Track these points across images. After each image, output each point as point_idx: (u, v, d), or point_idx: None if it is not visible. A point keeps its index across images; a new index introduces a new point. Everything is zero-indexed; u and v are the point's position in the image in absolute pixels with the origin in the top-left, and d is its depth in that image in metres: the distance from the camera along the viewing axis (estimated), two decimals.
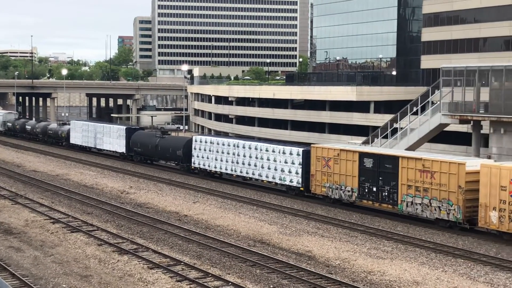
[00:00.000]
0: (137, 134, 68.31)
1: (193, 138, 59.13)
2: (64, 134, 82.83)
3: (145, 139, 66.46)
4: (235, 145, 53.44)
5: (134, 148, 67.70)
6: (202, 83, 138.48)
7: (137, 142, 67.13)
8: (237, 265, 30.08)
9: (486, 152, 50.42)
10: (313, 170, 46.04)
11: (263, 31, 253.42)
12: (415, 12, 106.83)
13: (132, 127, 72.67)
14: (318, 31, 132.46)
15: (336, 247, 33.60)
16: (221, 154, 54.92)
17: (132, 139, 67.82)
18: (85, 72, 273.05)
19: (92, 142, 76.09)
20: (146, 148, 65.62)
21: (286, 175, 48.39)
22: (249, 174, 52.04)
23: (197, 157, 57.90)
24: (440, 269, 30.00)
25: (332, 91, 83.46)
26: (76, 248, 32.95)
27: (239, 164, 52.98)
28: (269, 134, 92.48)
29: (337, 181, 44.25)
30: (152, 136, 66.02)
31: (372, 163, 41.74)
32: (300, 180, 47.30)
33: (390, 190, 40.61)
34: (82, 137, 78.16)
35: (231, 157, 53.72)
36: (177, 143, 61.29)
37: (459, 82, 48.48)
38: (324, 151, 45.24)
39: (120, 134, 70.12)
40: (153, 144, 64.05)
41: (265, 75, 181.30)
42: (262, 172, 50.55)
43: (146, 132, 70.86)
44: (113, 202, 46.37)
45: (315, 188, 46.15)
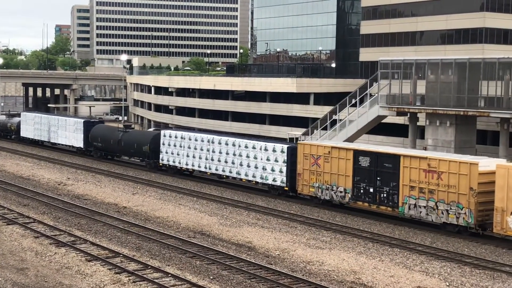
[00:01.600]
0: (97, 127, 64.11)
1: (162, 132, 55.25)
2: (13, 126, 78.37)
3: (106, 133, 62.43)
4: (209, 140, 50.06)
5: (93, 143, 63.63)
6: (141, 74, 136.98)
7: (97, 136, 62.94)
8: (177, 257, 29.99)
9: (422, 143, 51.55)
10: (300, 168, 43.02)
11: (203, 21, 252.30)
12: (354, 5, 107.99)
13: (91, 120, 68.23)
14: (258, 23, 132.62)
15: (276, 238, 33.86)
16: (194, 150, 51.42)
17: (91, 133, 63.59)
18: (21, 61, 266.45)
19: (46, 135, 71.59)
20: (108, 143, 61.62)
21: (268, 173, 45.28)
22: (226, 172, 48.73)
23: (166, 153, 54.20)
24: (377, 258, 30.57)
25: (273, 82, 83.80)
26: (12, 241, 32.26)
27: (214, 161, 49.65)
28: (209, 125, 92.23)
29: (327, 180, 41.29)
30: (114, 130, 62.10)
31: (368, 162, 38.81)
32: (285, 179, 44.25)
33: (389, 191, 37.82)
34: (34, 130, 73.58)
35: (205, 154, 50.36)
36: (143, 138, 57.46)
37: (396, 75, 49.39)
38: (313, 148, 42.22)
39: (77, 127, 65.86)
40: (115, 139, 60.02)
41: (205, 66, 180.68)
42: (241, 170, 47.35)
43: (108, 126, 66.68)
44: (50, 193, 45.56)
45: (302, 188, 43.12)
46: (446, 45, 71.94)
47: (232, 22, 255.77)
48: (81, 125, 65.29)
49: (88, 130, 64.29)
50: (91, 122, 66.17)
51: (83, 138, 64.96)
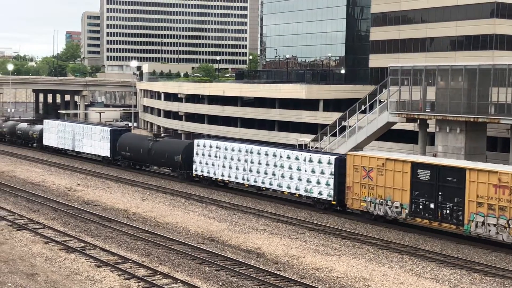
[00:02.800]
0: (125, 136, 61.72)
1: (195, 142, 52.60)
2: (35, 134, 75.69)
3: (135, 142, 59.89)
4: (248, 150, 47.35)
5: (121, 152, 61.01)
6: (151, 80, 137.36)
7: (125, 145, 60.44)
8: (186, 263, 30.00)
9: (432, 150, 51.41)
10: (350, 181, 40.31)
11: (213, 28, 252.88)
12: (363, 11, 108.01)
13: (118, 129, 65.57)
14: (268, 29, 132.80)
15: (285, 244, 33.81)
16: (230, 161, 48.70)
17: (119, 141, 61.05)
18: (32, 67, 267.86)
19: (70, 144, 68.95)
20: (137, 153, 59.02)
21: (313, 186, 42.49)
22: (266, 184, 45.98)
23: (200, 164, 51.55)
24: (386, 265, 30.47)
25: (282, 89, 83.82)
26: (22, 246, 32.37)
27: (252, 172, 46.94)
28: (219, 132, 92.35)
29: (381, 195, 38.51)
30: (143, 139, 59.73)
31: (429, 176, 36.07)
32: (332, 193, 41.48)
33: (453, 207, 35.08)
34: (58, 138, 70.76)
35: (243, 164, 47.72)
36: (175, 148, 54.74)
37: (406, 81, 49.31)
38: (365, 160, 39.44)
39: (103, 136, 63.38)
40: (145, 148, 57.55)
41: (215, 72, 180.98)
42: (283, 183, 44.62)
43: (137, 135, 64.22)
44: (60, 199, 45.70)
45: (351, 202, 40.39)
46: (456, 51, 71.78)
47: (242, 28, 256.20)
48: (107, 134, 62.96)
49: (115, 138, 61.91)
50: (118, 131, 63.88)
51: (109, 147, 62.64)
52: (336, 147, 52.60)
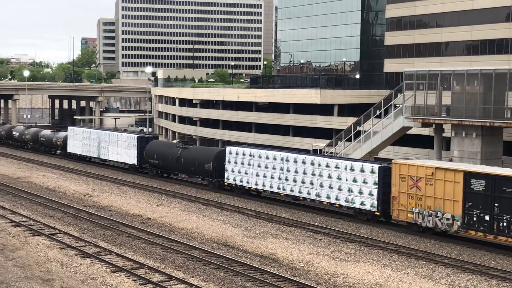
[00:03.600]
0: (153, 143, 60.41)
1: (227, 149, 50.96)
2: (59, 141, 74.65)
3: (163, 149, 58.50)
4: (283, 158, 45.59)
5: (149, 160, 59.68)
6: (166, 86, 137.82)
7: (153, 153, 59.02)
8: (201, 268, 30.00)
9: (447, 155, 51.15)
10: (395, 191, 38.47)
11: (227, 33, 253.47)
12: (378, 16, 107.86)
13: (145, 136, 63.82)
14: (282, 34, 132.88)
15: (300, 250, 33.73)
16: (265, 169, 47.11)
17: (147, 149, 59.73)
18: (47, 73, 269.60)
19: (95, 151, 67.64)
20: (165, 160, 57.51)
21: (355, 196, 40.76)
22: (303, 193, 44.28)
23: (232, 172, 50.02)
24: (402, 271, 30.31)
25: (296, 94, 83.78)
26: (38, 252, 32.52)
27: (289, 181, 45.24)
28: (233, 137, 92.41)
29: (430, 206, 36.72)
30: (172, 146, 58.46)
31: (483, 186, 34.23)
32: (376, 203, 39.65)
33: (511, 220, 33.27)
34: (83, 145, 69.53)
35: (278, 173, 46.03)
36: (206, 155, 53.13)
37: (421, 85, 49.12)
38: (412, 169, 37.70)
39: (130, 143, 62.07)
40: (174, 156, 56.08)
41: (229, 78, 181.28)
42: (322, 192, 42.87)
43: (165, 142, 62.12)
44: (76, 205, 45.89)
45: (397, 213, 38.53)
46: (471, 56, 71.42)
47: (256, 34, 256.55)
48: (134, 141, 61.62)
49: (142, 146, 60.66)
50: (145, 138, 62.42)
51: (136, 154, 61.28)
52: (351, 152, 52.47)
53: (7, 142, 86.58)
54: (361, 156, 51.13)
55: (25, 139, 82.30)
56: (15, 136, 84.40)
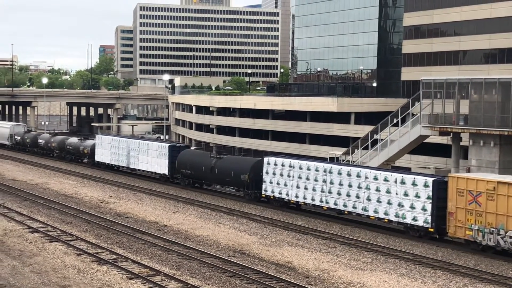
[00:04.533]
0: (185, 153, 58.34)
1: (265, 160, 48.97)
2: (87, 150, 72.62)
3: (196, 159, 56.48)
4: (327, 170, 43.63)
5: (181, 170, 57.71)
6: (183, 93, 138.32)
7: (186, 162, 57.07)
8: (217, 276, 29.99)
9: (465, 164, 50.81)
10: (452, 206, 36.35)
11: (244, 41, 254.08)
12: (396, 24, 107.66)
13: (177, 145, 62.27)
14: (299, 42, 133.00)
15: (316, 258, 33.62)
16: (306, 181, 45.09)
17: (179, 158, 57.75)
18: (65, 81, 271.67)
19: (124, 160, 65.68)
20: (198, 171, 55.62)
21: (406, 211, 38.53)
22: (348, 207, 42.19)
23: (270, 184, 48.02)
24: (419, 280, 30.12)
25: (313, 102, 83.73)
26: (55, 258, 32.67)
27: (332, 194, 43.20)
28: (250, 144, 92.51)
29: (491, 223, 34.42)
30: (206, 156, 56.15)
31: None
32: (429, 219, 37.51)
33: None
34: (111, 154, 67.66)
35: (321, 185, 44.02)
36: (242, 166, 51.18)
37: (439, 94, 48.88)
38: (471, 183, 35.42)
39: (161, 152, 60.14)
40: (207, 166, 54.19)
41: (246, 86, 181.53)
42: (369, 206, 40.76)
43: (198, 151, 61.05)
44: (93, 211, 46.09)
45: (454, 230, 36.40)
46: (489, 64, 71.05)
47: (273, 42, 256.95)
48: (166, 150, 59.65)
49: (174, 155, 58.64)
50: (177, 147, 60.55)
51: (168, 164, 59.33)
52: (368, 161, 52.30)
53: (33, 150, 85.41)
54: (377, 164, 50.93)
55: (51, 147, 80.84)
56: (41, 144, 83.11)
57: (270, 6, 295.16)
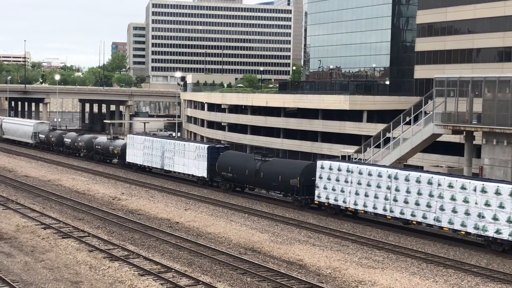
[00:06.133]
0: (226, 155, 54.95)
1: (318, 163, 45.53)
2: (117, 150, 69.67)
3: (239, 162, 53.01)
4: (391, 176, 40.31)
5: (221, 173, 54.46)
6: (195, 90, 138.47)
7: (227, 165, 53.65)
8: (228, 273, 30.01)
9: (478, 163, 50.57)
10: None
11: (256, 39, 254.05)
12: (409, 22, 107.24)
13: (216, 146, 58.33)
14: (311, 40, 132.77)
15: (327, 256, 33.58)
16: (367, 187, 41.87)
17: (219, 161, 54.47)
18: (78, 77, 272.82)
19: (158, 162, 62.36)
20: (241, 174, 52.20)
21: (488, 223, 35.27)
22: (417, 217, 38.80)
23: (324, 189, 44.88)
24: (431, 279, 30.01)
25: (325, 99, 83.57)
26: (67, 254, 32.81)
27: (398, 202, 39.87)
28: (261, 142, 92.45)
29: None
30: (249, 158, 52.75)
31: None
32: None
33: None
34: (144, 155, 64.51)
35: (384, 192, 40.77)
36: (291, 170, 47.75)
37: (452, 92, 48.68)
38: None
39: (199, 154, 56.86)
40: (251, 169, 50.84)
41: (258, 83, 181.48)
42: (442, 216, 37.44)
43: (240, 154, 58.03)
44: (105, 208, 46.25)
45: None
46: (503, 62, 70.61)
47: (285, 39, 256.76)
48: (204, 151, 56.40)
49: (213, 157, 55.58)
50: (216, 148, 57.03)
51: (206, 166, 56.13)
52: (380, 159, 52.16)
53: (58, 149, 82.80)
54: (390, 163, 50.78)
55: (78, 147, 78.02)
56: (67, 143, 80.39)
57: (282, 3, 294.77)
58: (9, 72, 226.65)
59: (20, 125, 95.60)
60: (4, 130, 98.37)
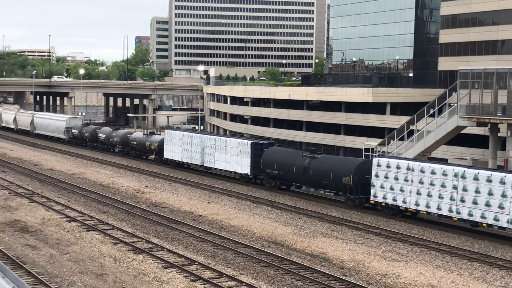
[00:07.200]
0: (271, 151, 53.08)
1: (374, 161, 43.40)
2: (154, 146, 67.98)
3: (285, 158, 50.89)
4: (458, 175, 37.65)
5: (266, 170, 52.43)
6: (218, 84, 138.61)
7: (272, 162, 51.65)
8: (251, 266, 30.09)
9: (503, 155, 50.09)
10: None
11: (279, 32, 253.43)
12: (432, 13, 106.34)
13: (260, 142, 55.70)
14: (334, 32, 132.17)
15: (351, 249, 33.52)
16: (430, 187, 39.26)
17: (264, 157, 52.59)
18: (102, 71, 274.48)
19: (198, 158, 60.38)
20: (288, 171, 50.12)
21: None
22: (488, 219, 36.10)
23: (381, 189, 42.44)
24: (455, 272, 29.84)
25: (348, 92, 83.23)
26: (92, 247, 33.11)
27: (465, 203, 37.27)
28: (284, 135, 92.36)
29: None
30: (297, 155, 50.60)
31: None
32: None
33: None
34: (183, 151, 62.49)
35: (450, 192, 38.13)
36: (343, 167, 45.55)
37: (476, 84, 48.24)
38: None
39: (242, 150, 54.82)
40: (299, 166, 48.67)
41: (280, 76, 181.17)
42: None
43: (287, 150, 56.29)
44: (129, 201, 46.57)
45: None
46: None
47: (308, 32, 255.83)
48: (247, 147, 54.33)
49: (257, 153, 53.59)
50: (260, 144, 54.74)
51: (250, 163, 54.08)
52: (404, 152, 51.88)
53: (92, 145, 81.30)
54: (413, 155, 50.49)
55: (112, 142, 76.58)
56: (101, 139, 78.77)
57: None
58: (34, 67, 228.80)
59: (52, 120, 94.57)
60: (36, 125, 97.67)
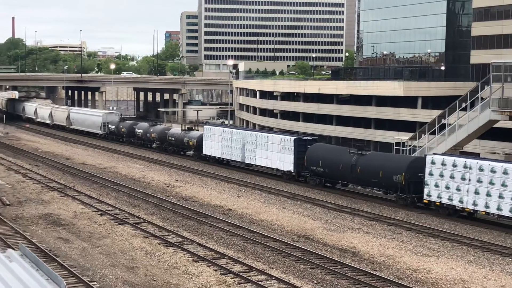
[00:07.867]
0: (315, 147, 51.48)
1: (428, 158, 41.31)
2: (192, 142, 66.74)
3: (331, 155, 49.36)
4: None
5: (310, 167, 50.88)
6: (247, 78, 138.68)
7: (317, 159, 50.06)
8: (281, 260, 30.09)
9: None
10: None
11: (308, 25, 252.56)
12: (464, 6, 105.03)
13: (304, 138, 54.08)
14: (365, 25, 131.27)
15: (381, 244, 33.33)
16: (489, 186, 37.26)
17: (308, 154, 51.02)
18: (132, 66, 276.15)
19: (238, 154, 59.19)
20: (334, 169, 48.52)
21: None
22: None
23: (436, 187, 40.55)
24: (487, 267, 29.51)
25: (379, 86, 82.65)
26: (123, 240, 33.40)
27: None
28: (314, 130, 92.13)
29: None
30: (343, 152, 49.06)
31: None
32: None
33: None
34: (222, 147, 61.45)
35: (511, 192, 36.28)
36: (394, 165, 43.66)
37: (509, 77, 47.54)
38: None
39: (284, 146, 53.40)
40: (346, 164, 46.99)
41: (310, 70, 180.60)
42: None
43: (332, 146, 54.91)
44: (159, 195, 46.87)
45: None
46: None
47: (338, 25, 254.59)
48: (290, 144, 52.86)
49: (301, 150, 52.05)
50: (303, 140, 53.17)
51: (293, 160, 52.69)
52: (435, 146, 51.39)
53: (129, 140, 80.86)
54: (445, 150, 49.99)
55: (150, 138, 75.77)
56: (138, 134, 77.94)
57: None
58: (65, 62, 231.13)
59: (88, 115, 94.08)
60: (72, 120, 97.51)
